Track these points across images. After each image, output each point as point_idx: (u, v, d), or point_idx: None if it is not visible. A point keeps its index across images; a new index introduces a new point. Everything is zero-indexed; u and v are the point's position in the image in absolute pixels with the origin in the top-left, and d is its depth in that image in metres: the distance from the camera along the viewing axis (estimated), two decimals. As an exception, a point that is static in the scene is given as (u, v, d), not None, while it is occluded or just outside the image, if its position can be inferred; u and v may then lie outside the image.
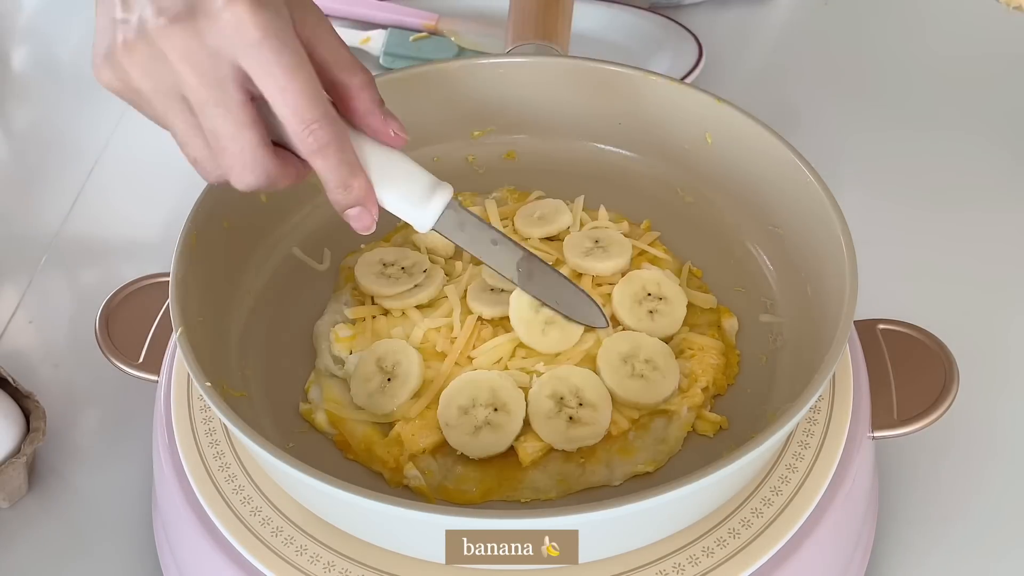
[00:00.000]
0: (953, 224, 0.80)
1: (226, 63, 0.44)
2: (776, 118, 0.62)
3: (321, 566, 0.49)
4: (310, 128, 0.46)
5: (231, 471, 0.53)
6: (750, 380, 0.57)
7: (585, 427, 0.53)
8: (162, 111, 0.46)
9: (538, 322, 0.56)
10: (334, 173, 0.48)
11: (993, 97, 0.92)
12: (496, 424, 0.53)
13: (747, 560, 0.49)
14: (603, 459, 0.54)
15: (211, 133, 0.46)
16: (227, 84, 0.44)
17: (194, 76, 0.44)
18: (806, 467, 0.52)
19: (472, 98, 0.67)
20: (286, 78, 0.44)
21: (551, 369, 0.55)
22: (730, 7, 1.04)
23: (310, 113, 0.45)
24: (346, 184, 0.49)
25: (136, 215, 0.85)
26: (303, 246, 0.64)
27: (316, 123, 0.46)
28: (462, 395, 0.54)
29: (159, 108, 0.46)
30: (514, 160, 0.69)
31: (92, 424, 0.69)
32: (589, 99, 0.67)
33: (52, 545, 0.62)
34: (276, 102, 0.45)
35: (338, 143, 0.47)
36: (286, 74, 0.44)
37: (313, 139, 0.46)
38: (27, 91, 1.02)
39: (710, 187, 0.65)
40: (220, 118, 0.45)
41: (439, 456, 0.54)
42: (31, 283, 0.79)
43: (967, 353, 0.59)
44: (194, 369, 0.49)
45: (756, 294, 0.61)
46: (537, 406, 0.54)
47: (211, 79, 0.44)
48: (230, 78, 0.44)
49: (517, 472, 0.53)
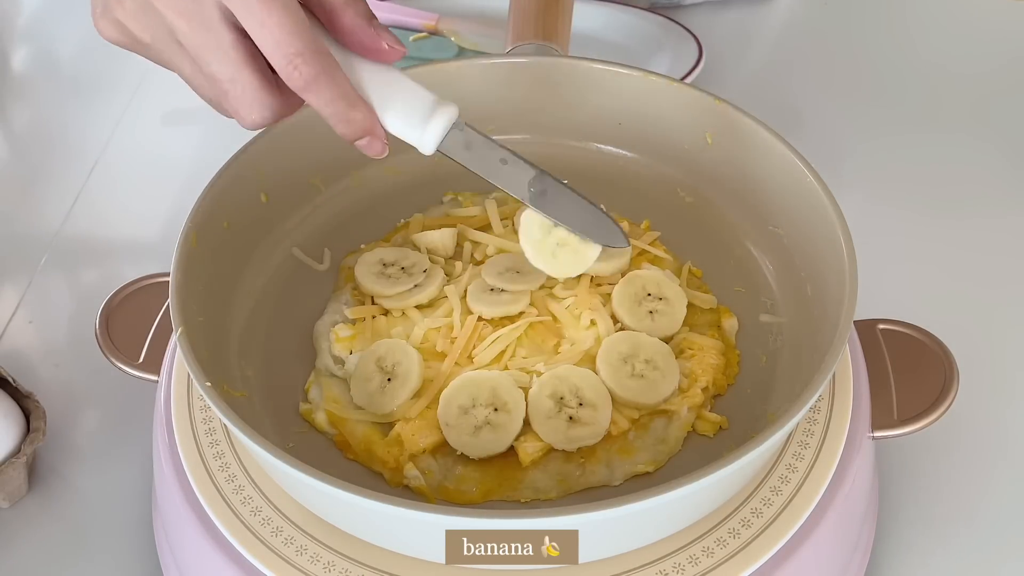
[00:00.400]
0: (953, 224, 0.80)
1: (210, 4, 0.43)
2: (776, 118, 0.62)
3: (321, 566, 0.49)
4: (294, 63, 0.44)
5: (231, 471, 0.53)
6: (750, 380, 0.57)
7: (585, 427, 0.53)
8: (167, 58, 0.46)
9: (548, 244, 0.55)
10: (330, 107, 0.46)
11: (993, 96, 0.92)
12: (496, 424, 0.53)
13: (747, 560, 0.49)
14: (603, 459, 0.54)
15: (210, 77, 0.45)
16: (215, 25, 0.44)
17: (183, 21, 0.44)
18: (806, 467, 0.52)
19: (472, 98, 0.67)
20: (264, 11, 0.43)
21: (551, 369, 0.55)
22: (730, 7, 1.04)
23: (292, 46, 0.44)
24: (346, 117, 0.47)
25: (136, 215, 0.85)
26: (303, 246, 0.64)
27: (300, 56, 0.44)
28: (462, 395, 0.54)
29: (164, 55, 0.46)
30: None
31: (92, 424, 0.69)
32: (589, 99, 0.67)
33: (52, 545, 0.62)
34: (258, 37, 0.44)
35: (328, 75, 0.45)
36: (264, 7, 0.43)
37: (299, 74, 0.44)
38: (27, 91, 1.02)
39: (710, 187, 0.65)
40: (216, 62, 0.44)
41: (439, 456, 0.54)
42: (31, 283, 0.79)
43: (967, 353, 0.59)
44: (194, 369, 0.49)
45: (756, 294, 0.61)
46: (537, 406, 0.54)
47: (199, 23, 0.44)
48: (216, 19, 0.44)
49: (517, 472, 0.53)
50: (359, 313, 0.59)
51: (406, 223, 0.66)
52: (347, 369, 0.57)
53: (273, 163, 0.62)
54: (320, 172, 0.66)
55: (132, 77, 0.99)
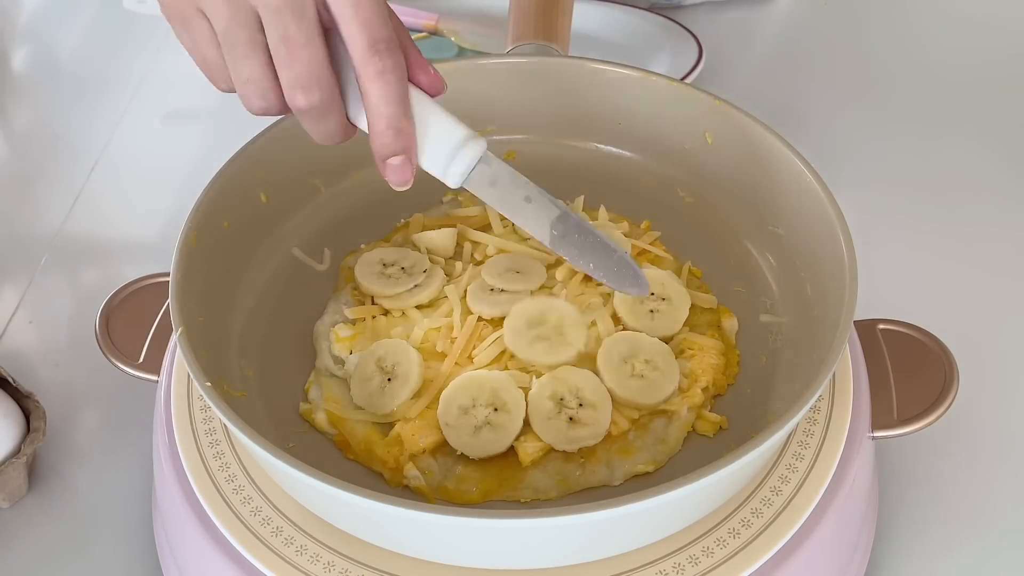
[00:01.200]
0: (953, 223, 0.80)
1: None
2: (776, 118, 0.63)
3: (321, 566, 0.49)
4: (377, 48, 0.44)
5: (231, 471, 0.53)
6: (750, 380, 0.57)
7: (585, 427, 0.53)
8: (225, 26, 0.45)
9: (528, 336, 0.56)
10: (389, 107, 0.46)
11: (993, 96, 0.92)
12: (496, 424, 0.53)
13: (747, 560, 0.49)
14: (603, 459, 0.54)
15: (283, 39, 0.44)
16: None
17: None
18: (806, 467, 0.52)
19: (472, 98, 0.67)
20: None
21: (551, 370, 0.55)
22: (730, 7, 1.04)
23: (381, 31, 0.44)
24: (398, 125, 0.46)
25: (136, 215, 0.85)
26: (303, 246, 0.64)
27: (384, 43, 0.44)
28: (462, 395, 0.54)
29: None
30: (514, 160, 0.69)
31: (92, 424, 0.69)
32: (589, 99, 0.67)
33: (52, 545, 0.62)
34: (347, 16, 0.44)
35: (400, 71, 0.45)
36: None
37: (379, 59, 0.44)
38: (27, 91, 1.02)
39: (710, 187, 0.65)
40: (294, 24, 0.44)
41: (439, 456, 0.54)
42: (31, 283, 0.79)
43: (967, 353, 0.59)
44: (194, 369, 0.49)
45: (756, 294, 0.61)
46: (537, 407, 0.54)
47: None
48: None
49: (517, 472, 0.53)
50: (359, 313, 0.59)
51: (406, 223, 0.66)
52: (347, 369, 0.57)
53: (273, 163, 0.62)
54: (320, 172, 0.66)
55: (132, 77, 0.99)
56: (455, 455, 0.54)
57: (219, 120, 0.93)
